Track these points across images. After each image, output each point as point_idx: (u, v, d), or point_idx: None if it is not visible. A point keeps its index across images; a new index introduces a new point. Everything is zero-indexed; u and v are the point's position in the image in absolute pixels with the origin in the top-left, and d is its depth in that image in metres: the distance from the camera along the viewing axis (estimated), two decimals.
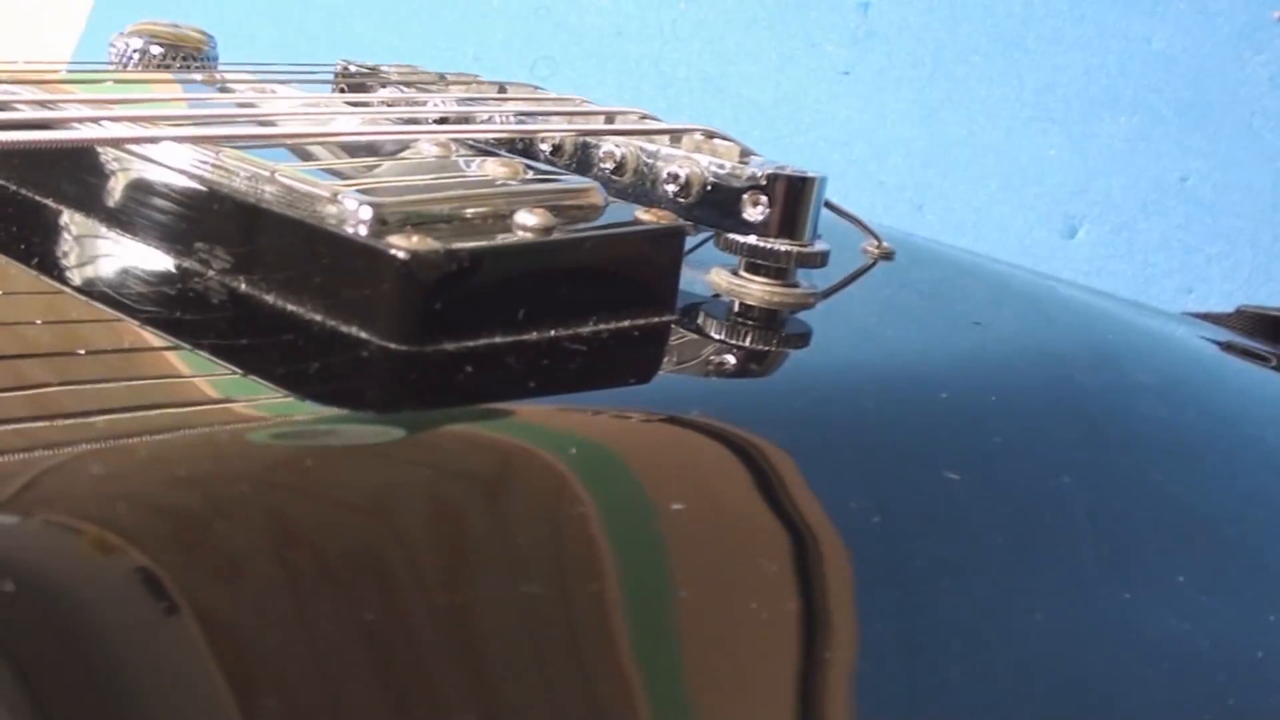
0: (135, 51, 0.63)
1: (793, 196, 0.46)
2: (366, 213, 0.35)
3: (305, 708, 0.26)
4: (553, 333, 0.37)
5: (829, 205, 0.56)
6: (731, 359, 0.42)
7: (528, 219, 0.37)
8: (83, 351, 0.36)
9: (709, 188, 0.47)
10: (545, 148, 0.50)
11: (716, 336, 0.43)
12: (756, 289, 0.46)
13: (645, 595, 0.31)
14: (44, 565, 0.27)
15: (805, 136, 1.06)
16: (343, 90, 0.58)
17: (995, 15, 1.01)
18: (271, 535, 0.29)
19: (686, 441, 0.36)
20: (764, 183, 0.46)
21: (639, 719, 0.29)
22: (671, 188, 0.47)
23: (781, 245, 0.46)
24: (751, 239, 0.46)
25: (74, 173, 0.42)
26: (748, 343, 0.43)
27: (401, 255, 0.34)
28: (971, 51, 1.02)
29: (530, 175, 0.41)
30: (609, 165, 0.49)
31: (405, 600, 0.28)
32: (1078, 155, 0.96)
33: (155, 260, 0.40)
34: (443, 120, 0.51)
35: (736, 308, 0.45)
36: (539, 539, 0.31)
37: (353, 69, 0.59)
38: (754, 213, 0.46)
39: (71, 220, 0.42)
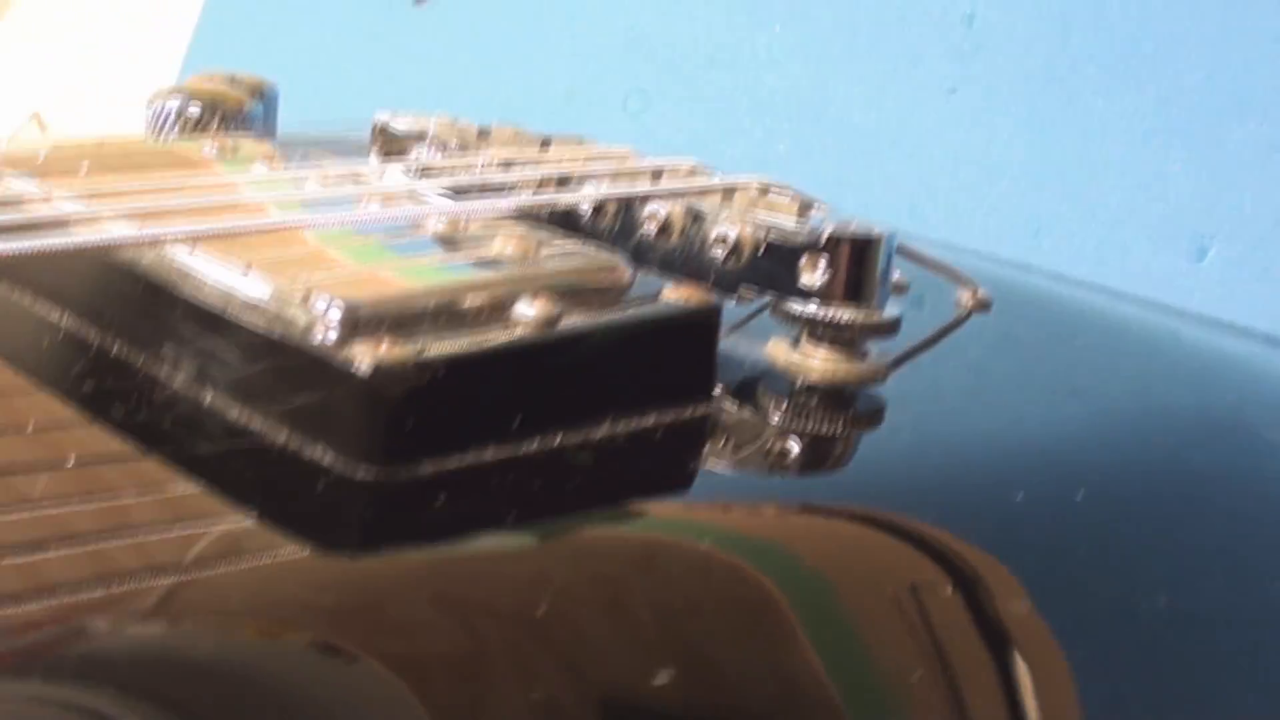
0: (172, 112, 0.60)
1: (856, 258, 0.40)
2: (335, 314, 0.31)
3: None
4: (558, 441, 0.32)
5: (911, 255, 0.50)
6: (780, 449, 0.36)
7: (527, 310, 0.32)
8: (71, 463, 0.32)
9: (762, 250, 0.41)
10: (587, 208, 0.45)
11: (764, 420, 0.37)
12: (817, 363, 0.40)
13: None
14: None
15: (910, 161, 1.00)
16: (381, 146, 0.54)
17: (1109, 19, 0.94)
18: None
19: (721, 556, 0.31)
20: (824, 243, 0.40)
21: None
22: (720, 252, 0.42)
23: (844, 314, 0.40)
24: (810, 307, 0.40)
25: (49, 269, 0.39)
26: (802, 427, 0.38)
27: (362, 368, 0.29)
28: (1085, 61, 0.95)
29: (544, 252, 0.36)
30: (653, 227, 0.43)
31: None
32: (1204, 168, 0.88)
33: (126, 365, 0.35)
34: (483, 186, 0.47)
35: (795, 386, 0.40)
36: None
37: (392, 126, 0.54)
38: (813, 277, 0.40)
39: (46, 320, 0.38)
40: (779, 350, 0.41)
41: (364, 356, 0.29)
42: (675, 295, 0.35)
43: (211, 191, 0.39)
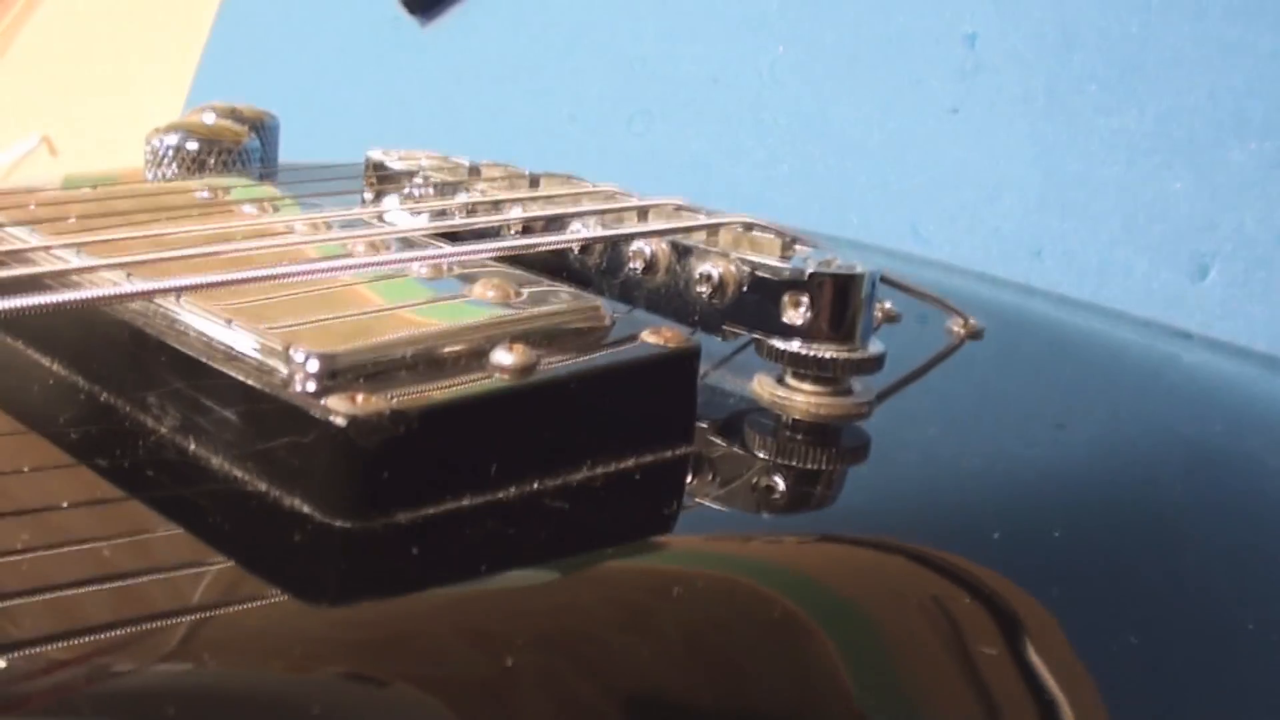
0: (170, 148, 0.60)
1: (839, 296, 0.40)
2: (314, 365, 0.31)
3: None
4: (535, 486, 0.32)
5: (899, 286, 0.51)
6: (766, 485, 0.37)
7: (504, 358, 0.33)
8: (65, 505, 0.32)
9: (745, 288, 0.42)
10: (575, 247, 0.46)
11: (748, 459, 0.38)
12: (800, 400, 0.41)
13: None
14: None
15: (912, 181, 1.00)
16: (373, 185, 0.55)
17: (1110, 39, 0.94)
18: None
19: (698, 596, 0.31)
20: (805, 281, 0.41)
21: None
22: (704, 290, 0.42)
23: (826, 352, 0.40)
24: (793, 345, 0.41)
25: (40, 318, 0.39)
26: (787, 464, 0.38)
27: (338, 420, 0.29)
28: (1087, 80, 0.95)
29: (524, 296, 0.36)
30: (638, 265, 0.44)
31: None
32: (1206, 187, 0.89)
33: (114, 412, 0.36)
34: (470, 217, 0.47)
35: (778, 423, 0.40)
36: None
37: (384, 163, 0.55)
38: (795, 315, 0.41)
39: (36, 364, 0.39)
40: (764, 387, 0.42)
41: (339, 407, 0.30)
42: (654, 338, 0.36)
43: (201, 241, 0.40)
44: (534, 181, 0.51)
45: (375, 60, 1.38)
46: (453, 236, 0.45)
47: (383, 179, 0.54)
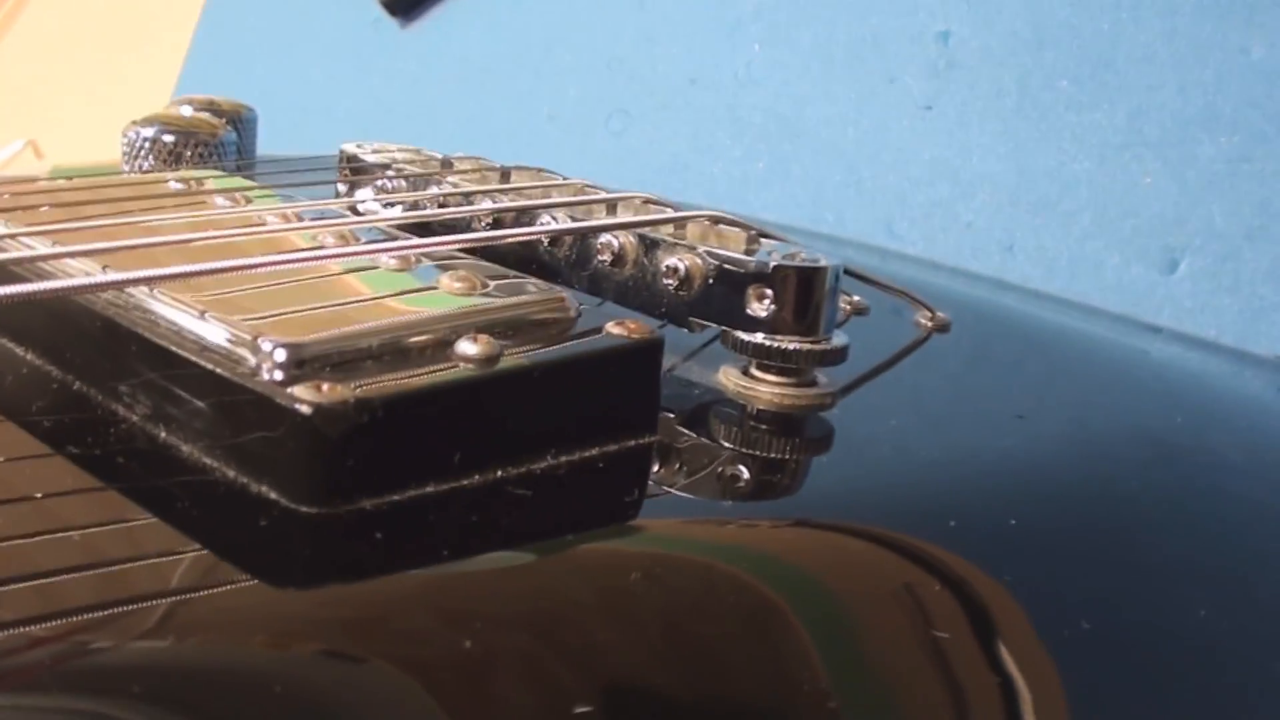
0: (146, 140, 0.61)
1: (802, 289, 0.41)
2: (281, 355, 0.32)
3: None
4: (499, 474, 0.33)
5: (865, 279, 0.51)
6: (725, 476, 0.37)
7: (468, 348, 0.33)
8: (39, 495, 0.33)
9: (711, 281, 0.42)
10: (544, 239, 0.46)
11: (713, 448, 0.38)
12: (764, 391, 0.41)
13: None
14: None
15: (887, 178, 1.01)
16: (347, 177, 0.55)
17: (1082, 36, 0.95)
18: None
19: (650, 585, 0.32)
20: (769, 274, 0.41)
21: None
22: (671, 282, 0.43)
23: (790, 343, 0.41)
24: (758, 337, 0.41)
25: (11, 306, 0.40)
26: (751, 453, 0.38)
27: (304, 409, 0.30)
28: (1058, 76, 0.96)
29: (490, 288, 0.37)
30: (607, 258, 0.44)
31: None
32: (1175, 182, 0.89)
33: (86, 401, 0.36)
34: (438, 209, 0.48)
35: (742, 413, 0.41)
36: None
37: (360, 155, 0.55)
38: (759, 308, 0.41)
39: (9, 352, 0.40)
40: (729, 377, 0.42)
41: (305, 396, 0.30)
42: (618, 329, 0.36)
43: (173, 232, 0.40)
44: (505, 175, 0.52)
45: (357, 61, 1.39)
46: (424, 228, 0.46)
47: (356, 171, 0.55)
